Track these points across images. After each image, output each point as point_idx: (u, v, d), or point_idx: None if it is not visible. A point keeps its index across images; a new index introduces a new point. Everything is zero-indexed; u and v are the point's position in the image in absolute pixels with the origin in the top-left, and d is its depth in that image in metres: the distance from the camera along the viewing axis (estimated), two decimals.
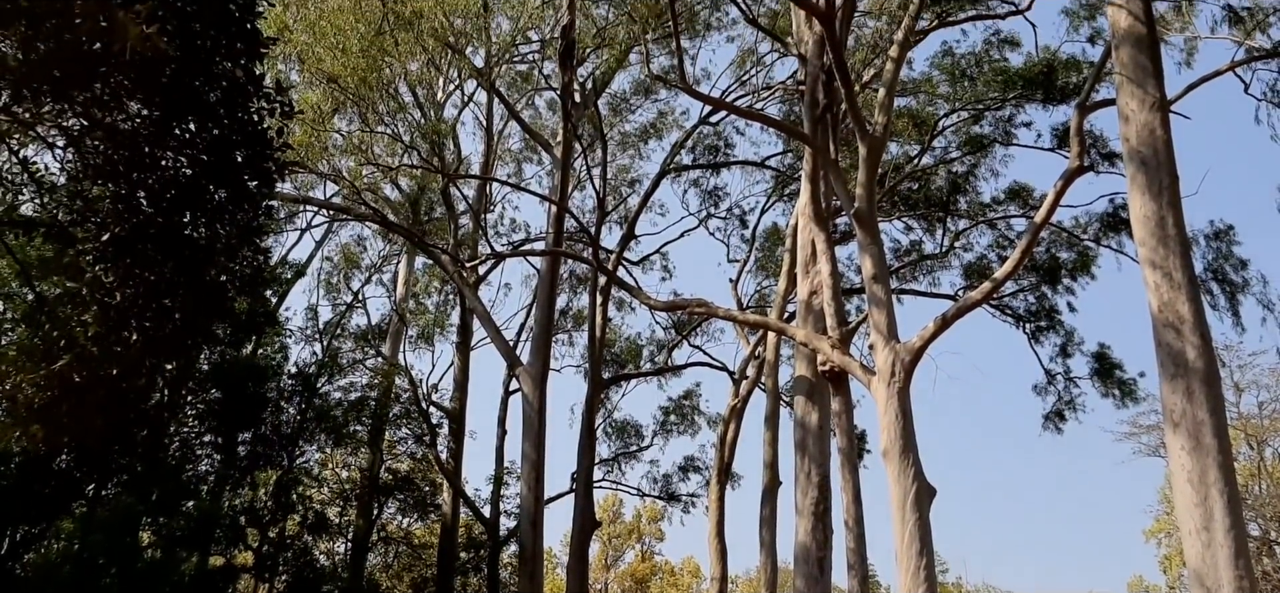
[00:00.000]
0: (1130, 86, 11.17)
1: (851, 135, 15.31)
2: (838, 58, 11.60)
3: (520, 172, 27.35)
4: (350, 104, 16.18)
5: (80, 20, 5.80)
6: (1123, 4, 11.52)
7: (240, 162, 7.33)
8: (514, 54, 22.90)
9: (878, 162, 12.40)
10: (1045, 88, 18.25)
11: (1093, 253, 20.40)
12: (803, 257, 13.90)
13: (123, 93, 7.07)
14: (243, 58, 6.89)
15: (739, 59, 23.48)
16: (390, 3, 15.74)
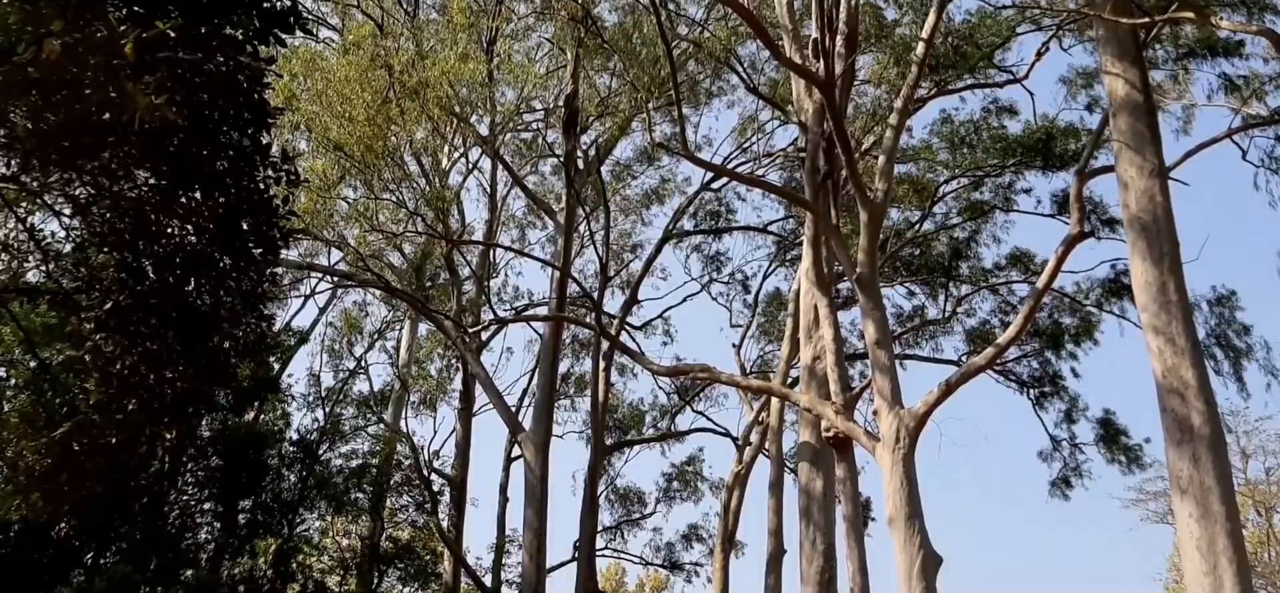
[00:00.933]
0: (1129, 154, 11.26)
1: (853, 201, 15.41)
2: (838, 126, 11.71)
3: (524, 237, 27.50)
4: (355, 171, 16.32)
5: (90, 91, 5.88)
6: (1119, 73, 11.67)
7: (245, 229, 7.37)
8: (518, 122, 23.15)
9: (879, 227, 12.46)
10: (1044, 155, 18.41)
11: (1095, 318, 20.41)
12: (805, 322, 13.91)
13: (130, 162, 7.14)
14: (250, 127, 6.98)
15: (740, 126, 23.73)
16: (396, 73, 15.95)
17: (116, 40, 5.44)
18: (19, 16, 5.47)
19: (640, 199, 25.85)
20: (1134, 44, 11.82)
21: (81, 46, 5.49)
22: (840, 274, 16.60)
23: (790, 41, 14.67)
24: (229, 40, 6.60)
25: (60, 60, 5.52)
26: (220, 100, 6.70)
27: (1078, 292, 20.53)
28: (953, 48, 17.12)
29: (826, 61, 11.65)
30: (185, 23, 6.20)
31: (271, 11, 6.66)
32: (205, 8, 6.40)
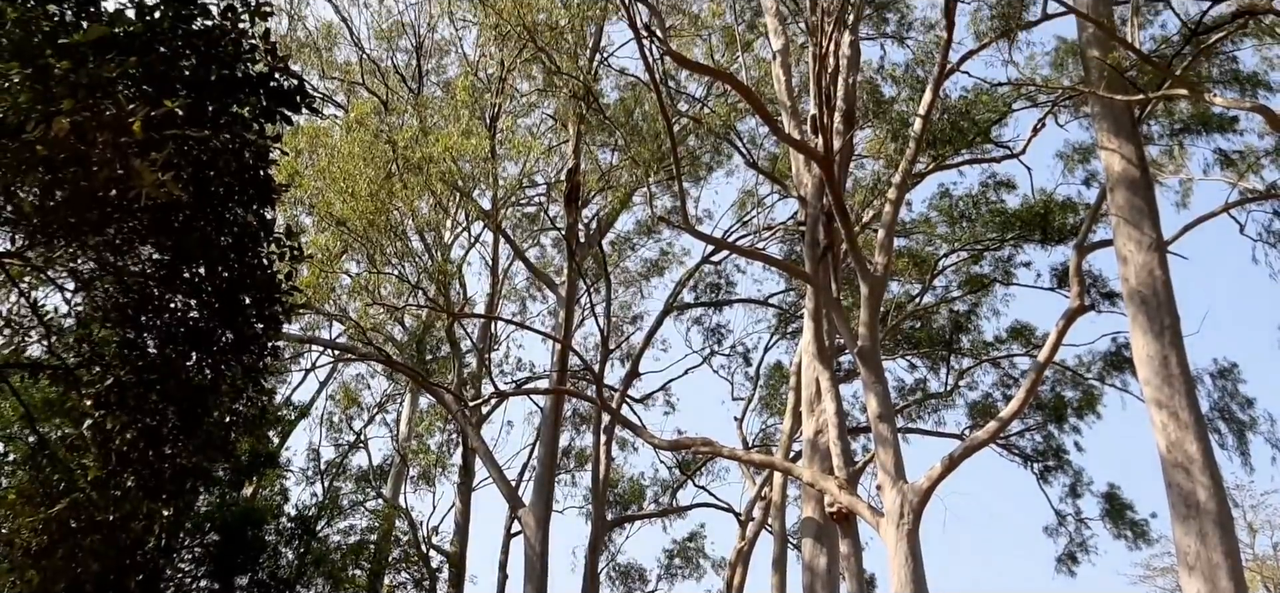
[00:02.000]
0: (1127, 228, 11.33)
1: (853, 274, 15.46)
2: (837, 200, 11.81)
3: (525, 309, 27.54)
4: (358, 246, 16.42)
5: (97, 167, 5.93)
6: (1115, 148, 11.80)
7: (248, 304, 7.39)
8: (520, 196, 23.34)
9: (879, 301, 12.49)
10: (1043, 229, 18.52)
11: (1098, 392, 20.36)
12: (807, 395, 13.86)
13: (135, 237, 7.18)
14: (255, 203, 7.03)
15: (740, 199, 23.92)
16: (400, 148, 16.13)
17: (125, 118, 5.51)
18: (29, 95, 5.54)
19: (641, 271, 25.96)
20: (1129, 120, 11.96)
21: (90, 124, 5.55)
22: (842, 347, 16.59)
23: (789, 117, 14.85)
24: (236, 118, 6.69)
25: (68, 138, 5.58)
26: (226, 177, 6.76)
27: (1080, 365, 20.51)
28: (950, 124, 17.33)
29: (825, 137, 11.79)
30: (193, 101, 6.28)
31: (278, 90, 6.76)
32: (213, 86, 6.49)
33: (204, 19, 6.52)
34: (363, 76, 21.84)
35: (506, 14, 16.04)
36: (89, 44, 5.75)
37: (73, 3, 6.10)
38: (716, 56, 20.72)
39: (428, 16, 22.46)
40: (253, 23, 6.72)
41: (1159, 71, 12.20)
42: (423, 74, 22.41)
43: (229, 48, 6.61)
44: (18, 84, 5.56)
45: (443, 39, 23.17)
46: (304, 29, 22.05)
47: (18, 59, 5.59)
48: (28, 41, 5.70)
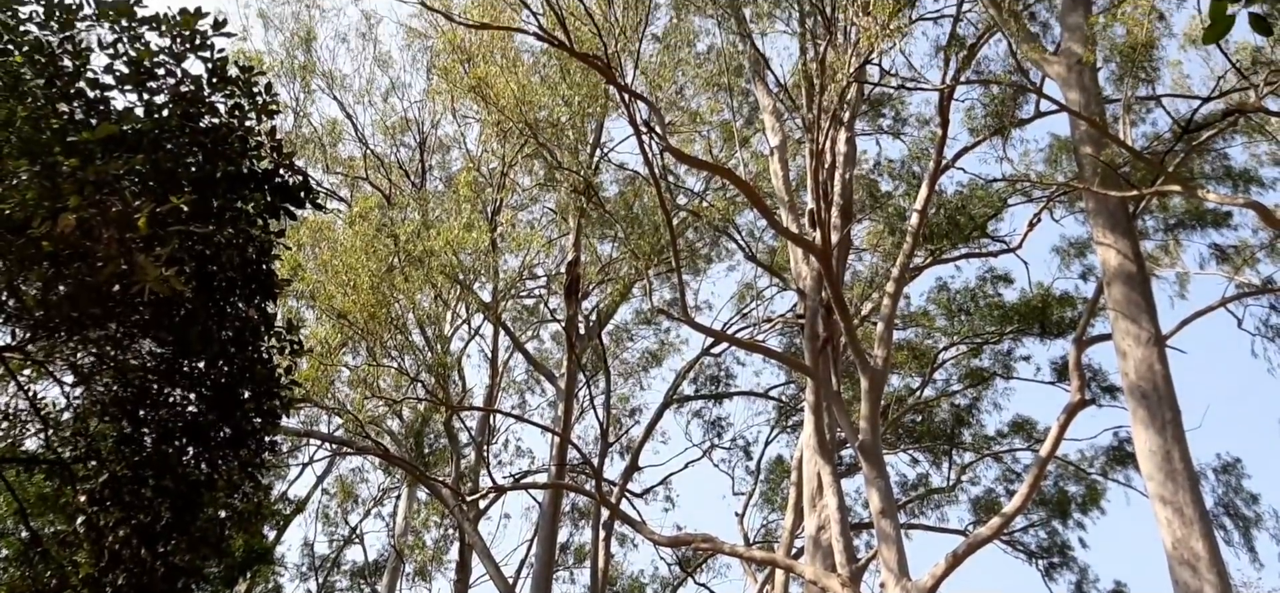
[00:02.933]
0: (1125, 323, 11.36)
1: (853, 367, 15.44)
2: (836, 293, 11.86)
3: (524, 402, 27.42)
4: (358, 338, 16.43)
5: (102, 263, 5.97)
6: (1111, 243, 11.89)
7: (247, 398, 7.37)
8: (520, 288, 23.43)
9: (880, 394, 12.46)
10: (1041, 322, 18.57)
11: (1101, 487, 20.19)
12: (809, 490, 13.74)
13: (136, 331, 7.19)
14: (257, 298, 7.06)
15: (739, 292, 24.03)
16: (402, 242, 16.24)
17: (130, 214, 5.57)
18: (37, 192, 5.61)
19: (640, 363, 25.92)
20: (1124, 215, 12.08)
21: (96, 220, 5.61)
22: (843, 441, 16.49)
23: (787, 211, 14.99)
24: (240, 214, 6.75)
25: (74, 233, 5.63)
26: (229, 271, 6.80)
27: (1082, 460, 20.37)
28: (946, 218, 17.49)
29: (823, 231, 11.89)
30: (198, 197, 6.35)
31: (283, 186, 6.84)
32: (219, 182, 6.57)
33: (211, 117, 6.63)
34: (366, 171, 22.12)
35: (509, 111, 16.29)
36: (97, 142, 5.84)
37: (82, 102, 6.21)
38: (715, 151, 21.00)
39: (432, 113, 22.82)
40: (259, 120, 6.82)
41: (1152, 168, 12.36)
42: (426, 169, 22.69)
43: (235, 145, 6.70)
44: (26, 181, 5.64)
45: (446, 135, 23.52)
46: (309, 126, 22.39)
47: (26, 156, 5.67)
48: (36, 139, 5.79)
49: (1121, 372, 11.41)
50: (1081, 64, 12.50)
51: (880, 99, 19.67)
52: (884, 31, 12.37)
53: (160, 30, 6.27)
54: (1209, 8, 3.01)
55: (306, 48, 21.95)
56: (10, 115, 5.79)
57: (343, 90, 22.42)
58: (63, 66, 6.17)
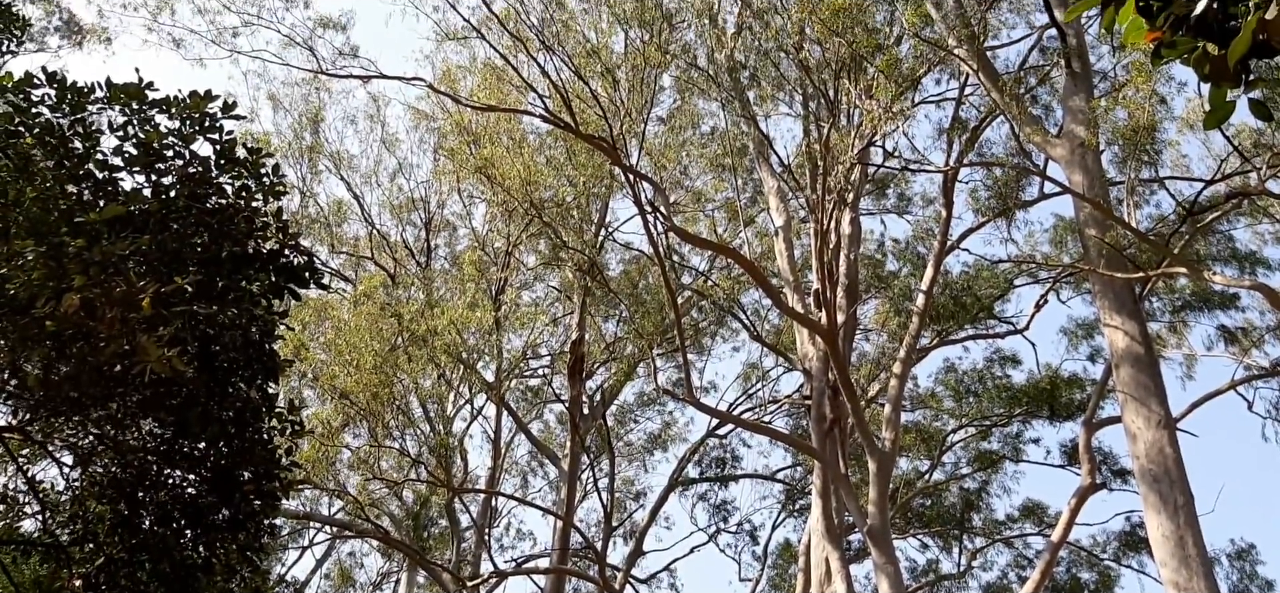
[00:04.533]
0: (1134, 405, 11.25)
1: (861, 450, 15.29)
2: (842, 375, 11.79)
3: (526, 484, 27.15)
4: (360, 419, 16.33)
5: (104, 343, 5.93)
6: (1118, 325, 11.83)
7: (246, 480, 7.27)
8: (524, 368, 23.34)
9: (888, 477, 12.32)
10: (1050, 405, 18.44)
11: (1114, 573, 19.86)
12: (817, 575, 13.50)
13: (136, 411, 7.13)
14: (259, 379, 7.00)
15: (745, 372, 23.89)
16: (406, 321, 16.23)
17: (135, 294, 5.55)
18: (42, 272, 5.60)
19: (645, 445, 25.70)
20: (1130, 297, 12.04)
21: (100, 300, 5.59)
22: (851, 525, 16.26)
23: (792, 291, 14.98)
24: (245, 293, 6.73)
25: (77, 313, 5.60)
26: (231, 352, 6.76)
27: (1094, 545, 20.06)
28: (952, 298, 17.47)
29: (828, 312, 11.86)
30: (203, 277, 6.34)
31: (288, 267, 6.83)
32: (224, 262, 6.56)
33: (218, 197, 6.65)
34: (372, 251, 22.21)
35: (514, 191, 16.41)
36: (104, 222, 5.85)
37: (91, 182, 6.24)
38: (719, 230, 21.09)
39: (438, 193, 23.00)
40: (266, 201, 6.84)
41: (1157, 250, 12.36)
42: (432, 248, 22.79)
43: (241, 225, 6.71)
44: (32, 261, 5.63)
45: (452, 214, 23.67)
46: (315, 206, 22.55)
47: (33, 237, 5.67)
48: (44, 219, 5.80)
49: (1132, 455, 11.27)
50: (1084, 147, 12.58)
51: (884, 179, 19.79)
52: (887, 115, 12.50)
53: (170, 113, 6.33)
54: (1209, 94, 3.01)
55: (314, 129, 22.21)
56: (19, 196, 5.81)
57: (350, 170, 22.64)
58: (73, 148, 6.21)
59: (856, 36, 12.65)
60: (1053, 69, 15.98)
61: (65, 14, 18.42)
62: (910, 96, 14.55)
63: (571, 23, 15.66)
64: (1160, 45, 2.94)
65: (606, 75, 15.57)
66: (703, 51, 17.17)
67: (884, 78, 12.83)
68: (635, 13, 14.88)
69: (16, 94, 6.11)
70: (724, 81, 16.65)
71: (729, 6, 16.70)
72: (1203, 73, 2.92)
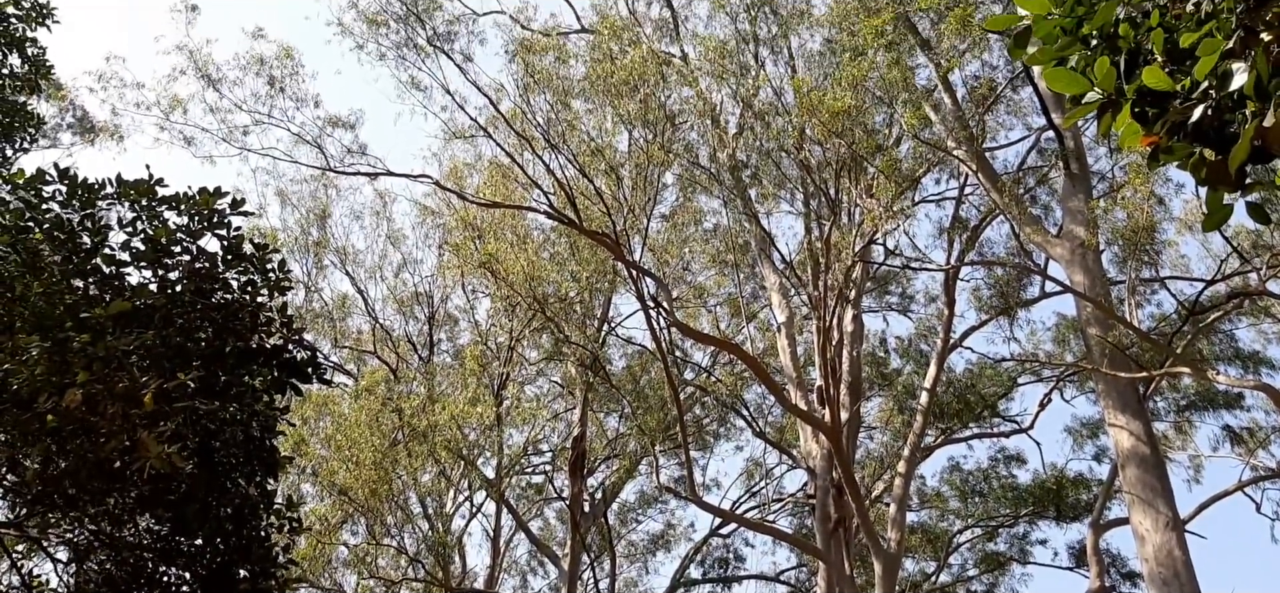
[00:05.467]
0: (1141, 506, 11.13)
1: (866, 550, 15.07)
2: (847, 473, 11.68)
3: (526, 584, 26.69)
4: (359, 515, 16.15)
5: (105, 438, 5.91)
6: (1123, 425, 11.76)
7: (243, 578, 7.16)
8: (525, 464, 23.14)
9: (895, 579, 12.12)
10: (1057, 505, 18.23)
11: None
12: None
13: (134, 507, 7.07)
14: (258, 475, 6.95)
15: (748, 469, 23.67)
16: (406, 416, 16.17)
17: (137, 390, 5.55)
18: (45, 367, 5.61)
19: (647, 545, 25.33)
20: (1135, 397, 12.00)
21: (102, 395, 5.58)
22: None
23: (795, 388, 14.93)
24: (247, 388, 6.72)
25: (79, 409, 5.59)
26: (232, 448, 6.72)
27: None
28: (956, 396, 17.41)
29: (832, 409, 11.81)
30: (206, 372, 6.34)
31: (291, 362, 6.83)
32: (228, 357, 6.57)
33: (224, 293, 6.68)
34: (375, 345, 22.22)
35: (518, 286, 16.49)
36: (109, 317, 5.87)
37: (97, 277, 6.28)
38: (722, 326, 21.11)
39: (442, 287, 23.10)
40: (271, 296, 6.87)
41: (1160, 349, 12.35)
42: (434, 342, 22.80)
43: (246, 320, 6.73)
44: (36, 356, 5.64)
45: (456, 308, 23.73)
46: (320, 300, 22.65)
47: (38, 332, 5.69)
48: (50, 314, 5.83)
49: (1141, 557, 11.10)
50: (1084, 247, 12.67)
51: (886, 277, 19.88)
52: (887, 213, 12.62)
53: (179, 209, 6.39)
54: (1206, 197, 3.03)
55: (321, 224, 22.42)
56: (25, 291, 5.85)
57: (355, 265, 22.78)
58: (81, 243, 6.27)
59: (856, 137, 12.85)
60: (1051, 170, 16.18)
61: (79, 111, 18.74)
62: (910, 196, 14.72)
63: (576, 122, 15.92)
64: (1157, 150, 2.98)
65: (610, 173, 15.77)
66: (705, 150, 17.43)
67: (884, 177, 12.99)
68: (639, 114, 15.15)
69: (28, 190, 6.20)
70: (726, 180, 16.86)
71: (731, 108, 16.99)
72: (1200, 177, 2.96)
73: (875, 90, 13.56)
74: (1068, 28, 3.04)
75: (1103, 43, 2.98)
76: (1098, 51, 2.98)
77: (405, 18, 15.33)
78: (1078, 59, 3.03)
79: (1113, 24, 2.94)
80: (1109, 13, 2.90)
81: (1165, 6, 2.83)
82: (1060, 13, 3.03)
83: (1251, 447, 17.01)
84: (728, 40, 16.23)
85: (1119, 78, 2.91)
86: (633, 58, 14.94)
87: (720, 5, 16.86)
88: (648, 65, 14.90)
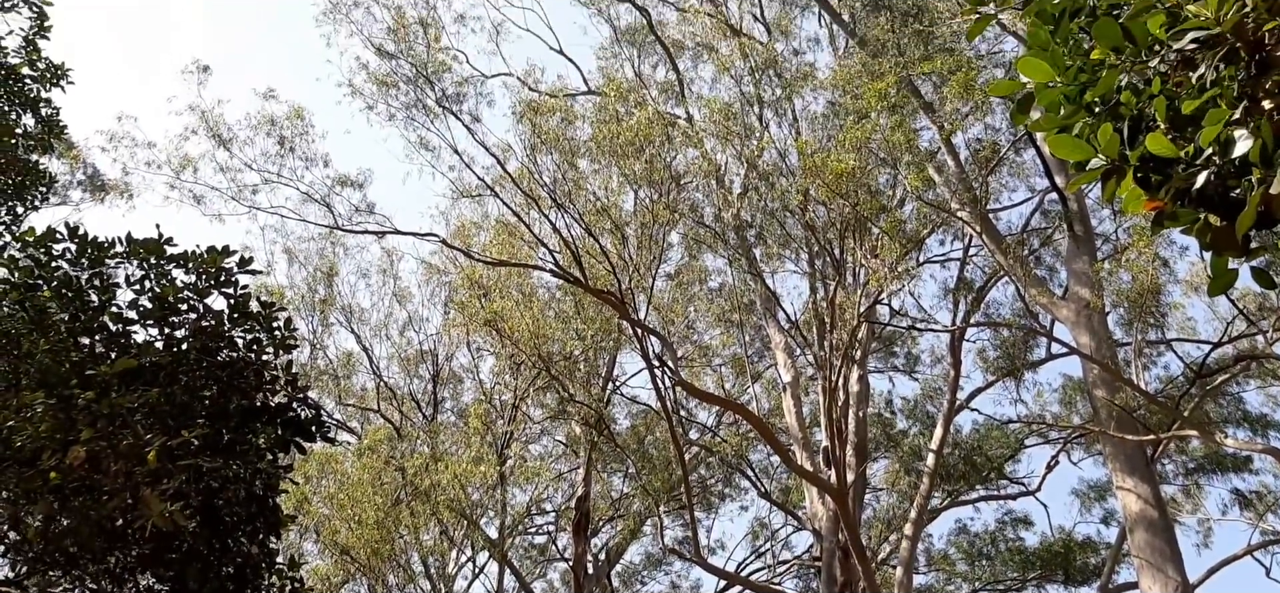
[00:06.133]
0: (1150, 571, 11.00)
1: None
2: (853, 536, 11.58)
3: None
4: (361, 575, 16.01)
5: (108, 496, 5.90)
6: (1131, 488, 11.67)
7: None
8: (528, 524, 22.96)
9: None
10: (1065, 569, 18.02)
11: None
12: None
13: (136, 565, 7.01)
14: (261, 534, 6.90)
15: (753, 530, 23.46)
16: (410, 475, 16.09)
17: (141, 448, 5.55)
18: (50, 424, 5.60)
19: None
20: (1142, 460, 11.91)
21: (105, 453, 5.58)
22: None
23: (801, 449, 14.85)
24: (251, 447, 6.70)
25: (83, 466, 5.58)
26: (235, 506, 6.69)
27: None
28: (963, 458, 17.30)
29: (838, 470, 11.74)
30: (210, 430, 6.33)
31: (295, 420, 6.82)
32: (232, 415, 6.56)
33: (230, 351, 6.69)
34: (378, 403, 22.18)
35: (523, 344, 16.49)
36: (114, 375, 5.88)
37: (104, 335, 6.30)
38: (727, 386, 21.05)
39: (447, 345, 23.10)
40: (277, 354, 6.88)
41: (1167, 412, 12.29)
42: (438, 400, 22.75)
43: (251, 378, 6.73)
44: (40, 414, 5.64)
45: (460, 366, 23.70)
46: (325, 358, 22.65)
47: (43, 389, 5.70)
48: (56, 371, 5.84)
49: None
50: (1089, 309, 12.66)
51: (892, 337, 19.85)
52: (892, 274, 12.64)
53: (187, 267, 6.43)
54: (1211, 262, 3.04)
55: (328, 282, 22.49)
56: (32, 348, 5.86)
57: (360, 323, 22.81)
58: (89, 301, 6.30)
59: (860, 198, 12.92)
60: (1055, 232, 16.23)
61: (90, 169, 18.92)
62: (915, 256, 14.75)
63: (582, 182, 16.03)
64: (1161, 215, 2.99)
65: (616, 232, 15.85)
66: (710, 210, 17.52)
67: (888, 238, 13.04)
68: (644, 174, 15.26)
69: (38, 248, 6.24)
70: (731, 239, 16.93)
71: (735, 168, 17.11)
72: (1205, 242, 2.96)
73: (879, 152, 13.66)
74: (1071, 95, 3.07)
75: (1105, 110, 3.01)
76: (1101, 118, 3.00)
77: (415, 80, 15.52)
78: (1081, 126, 3.06)
79: (1115, 91, 2.97)
80: (1111, 81, 2.93)
81: (1167, 75, 2.86)
82: (1063, 81, 3.06)
83: (1260, 511, 16.85)
84: (732, 102, 16.40)
85: (1122, 144, 2.93)
86: (639, 119, 15.09)
87: (725, 68, 17.06)
88: (653, 126, 15.04)
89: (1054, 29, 3.18)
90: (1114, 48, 2.89)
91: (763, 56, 16.92)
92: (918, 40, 13.96)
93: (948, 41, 14.11)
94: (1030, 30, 3.23)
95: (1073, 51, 3.09)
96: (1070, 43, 3.13)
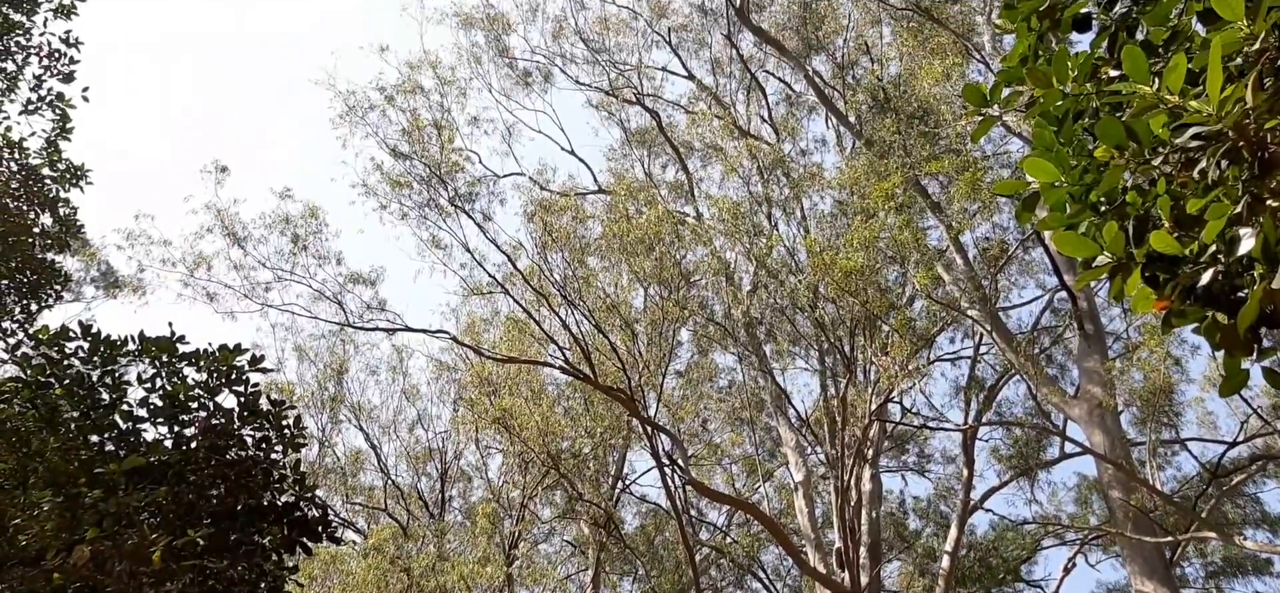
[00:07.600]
0: None
1: None
2: None
3: None
4: None
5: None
6: (1151, 591, 11.42)
7: None
8: None
9: None
10: None
11: None
12: None
13: None
14: None
15: None
16: (415, 575, 15.86)
17: (146, 548, 5.49)
18: (56, 522, 5.57)
19: None
20: (1161, 562, 11.68)
21: (110, 553, 5.53)
22: None
23: (813, 550, 14.63)
24: (257, 547, 6.64)
25: (87, 567, 5.53)
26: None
27: None
28: (978, 560, 16.99)
29: (851, 573, 11.54)
30: (217, 530, 6.28)
31: (302, 520, 6.76)
32: (239, 515, 6.51)
33: (239, 449, 6.67)
34: (386, 501, 21.98)
35: (531, 441, 16.40)
36: (123, 473, 5.86)
37: (114, 433, 6.29)
38: (737, 484, 20.82)
39: (455, 443, 22.97)
40: (286, 453, 6.85)
41: (1184, 513, 12.09)
42: (446, 499, 22.54)
43: (259, 478, 6.70)
44: (47, 512, 5.61)
45: (468, 464, 23.53)
46: (333, 456, 22.53)
47: (51, 487, 5.68)
48: (64, 470, 5.82)
49: None
50: (1102, 408, 12.56)
51: (904, 436, 19.69)
52: (903, 371, 12.60)
53: (198, 365, 6.45)
54: (1223, 362, 3.01)
55: (338, 380, 22.49)
56: (42, 446, 5.86)
57: (369, 421, 22.73)
58: (99, 399, 6.31)
59: (869, 296, 12.95)
60: (1066, 330, 16.20)
61: (103, 266, 19.10)
62: (925, 354, 14.71)
63: (592, 279, 16.13)
64: (1170, 314, 2.98)
65: (626, 329, 15.88)
66: (720, 307, 17.56)
67: (898, 336, 13.03)
68: (654, 271, 15.35)
69: (51, 346, 6.28)
70: (741, 336, 16.93)
71: (745, 266, 17.20)
72: (1214, 342, 2.95)
73: (887, 250, 13.74)
74: (1076, 194, 3.10)
75: (1111, 208, 3.03)
76: (1106, 216, 3.02)
77: (428, 179, 15.76)
78: (1087, 224, 3.08)
79: (1120, 190, 2.99)
80: (1115, 178, 2.95)
81: (1171, 174, 2.89)
82: (1068, 180, 3.09)
83: None
84: (741, 201, 16.56)
85: (1128, 242, 2.94)
86: (648, 217, 15.24)
87: (733, 168, 17.28)
88: (663, 224, 15.18)
89: (1058, 129, 3.22)
90: (1117, 147, 2.92)
91: (770, 157, 17.15)
92: (923, 141, 14.15)
93: (953, 142, 14.29)
94: (1035, 131, 3.27)
95: (1077, 151, 3.13)
96: (1075, 142, 3.17)
